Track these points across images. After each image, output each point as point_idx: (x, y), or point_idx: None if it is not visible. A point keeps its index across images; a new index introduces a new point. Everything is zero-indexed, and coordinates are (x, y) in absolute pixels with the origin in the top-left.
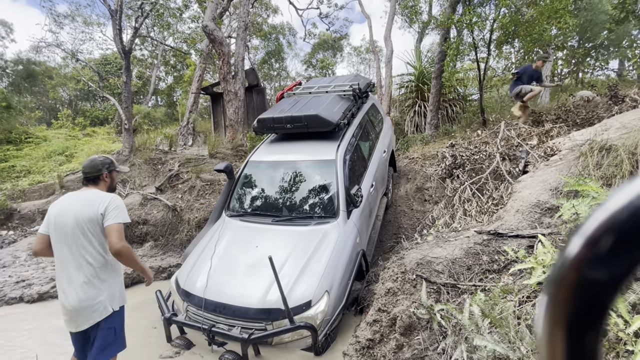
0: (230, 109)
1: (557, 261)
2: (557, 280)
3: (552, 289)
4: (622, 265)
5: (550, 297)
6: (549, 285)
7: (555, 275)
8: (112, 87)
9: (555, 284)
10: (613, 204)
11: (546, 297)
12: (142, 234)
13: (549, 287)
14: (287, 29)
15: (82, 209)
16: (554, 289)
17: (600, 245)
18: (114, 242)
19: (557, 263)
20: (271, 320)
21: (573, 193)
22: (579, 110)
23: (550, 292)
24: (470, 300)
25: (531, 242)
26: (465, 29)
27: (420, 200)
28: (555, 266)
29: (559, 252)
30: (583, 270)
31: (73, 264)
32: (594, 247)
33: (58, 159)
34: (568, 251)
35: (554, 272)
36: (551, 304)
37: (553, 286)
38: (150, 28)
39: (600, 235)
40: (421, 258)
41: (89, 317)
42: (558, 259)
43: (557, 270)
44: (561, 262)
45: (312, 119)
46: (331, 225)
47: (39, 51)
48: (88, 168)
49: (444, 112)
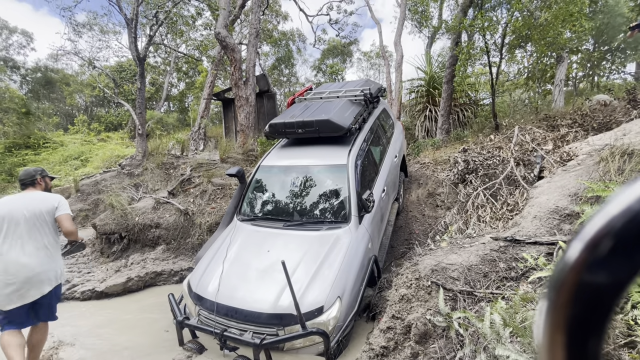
0: (242, 114)
1: (557, 265)
2: (557, 285)
3: (551, 293)
4: (623, 269)
5: (550, 301)
6: (549, 289)
7: (555, 279)
8: (126, 94)
9: (555, 288)
10: (612, 208)
11: (546, 301)
12: (155, 237)
13: (548, 291)
14: (297, 35)
15: (38, 204)
16: (553, 293)
17: (599, 250)
18: (68, 225)
19: (557, 267)
20: (283, 326)
21: (595, 199)
22: (595, 115)
23: (550, 296)
24: (491, 308)
25: (550, 250)
26: (477, 33)
27: (432, 205)
28: (555, 270)
29: (560, 256)
30: (582, 274)
31: (32, 246)
32: (593, 251)
33: (74, 163)
34: (567, 255)
35: (553, 276)
36: (551, 309)
37: (553, 290)
38: (164, 36)
39: (599, 239)
40: (436, 264)
41: (41, 288)
42: (558, 263)
43: (557, 274)
44: (561, 266)
45: (324, 124)
46: (343, 231)
47: (57, 59)
48: (24, 176)
49: (455, 116)
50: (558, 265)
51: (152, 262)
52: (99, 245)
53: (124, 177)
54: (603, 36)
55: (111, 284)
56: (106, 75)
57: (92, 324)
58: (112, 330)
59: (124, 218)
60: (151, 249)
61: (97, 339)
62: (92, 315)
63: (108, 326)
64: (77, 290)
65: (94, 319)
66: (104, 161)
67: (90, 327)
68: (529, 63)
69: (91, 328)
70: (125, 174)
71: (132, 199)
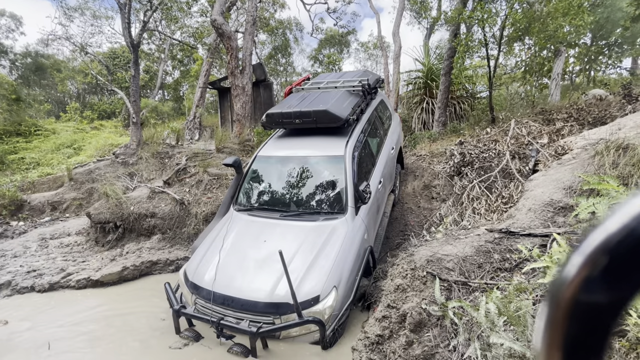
0: (238, 104)
1: (555, 280)
2: (554, 300)
3: (550, 309)
4: (621, 288)
5: (549, 317)
6: (547, 304)
7: (553, 295)
8: (119, 81)
9: (553, 304)
10: (610, 225)
11: (544, 316)
12: (150, 226)
13: (547, 306)
14: (294, 24)
15: None
16: (552, 309)
17: (595, 268)
18: None
19: (555, 282)
20: (279, 314)
21: (589, 192)
22: (591, 109)
23: (547, 311)
24: (487, 297)
25: (544, 241)
26: (475, 25)
27: (428, 197)
28: (553, 285)
29: (557, 270)
30: (578, 292)
31: None
32: (590, 268)
33: (66, 151)
34: (565, 271)
35: (551, 291)
36: (549, 325)
37: (550, 306)
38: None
39: (596, 257)
40: (431, 255)
41: None
42: (555, 278)
43: (555, 290)
44: (558, 282)
45: (321, 115)
46: (339, 221)
47: (47, 44)
48: None
49: (452, 109)
50: (556, 279)
51: (147, 252)
52: (93, 234)
53: (118, 166)
54: (601, 30)
55: (107, 273)
56: (99, 61)
57: (89, 312)
58: (109, 319)
59: (118, 207)
60: (147, 238)
61: (93, 327)
62: (87, 303)
63: (104, 314)
64: (72, 279)
65: (90, 307)
66: (97, 150)
67: (87, 315)
68: (527, 56)
69: (87, 316)
70: (119, 163)
71: (126, 188)
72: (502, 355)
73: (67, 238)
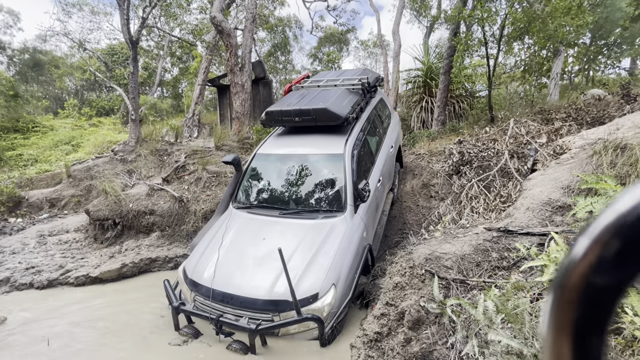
0: (237, 101)
1: (563, 262)
2: (563, 283)
3: (557, 291)
4: (629, 269)
5: (556, 299)
6: (555, 287)
7: (561, 277)
8: (118, 78)
9: (561, 287)
10: (621, 205)
11: (551, 299)
12: (149, 224)
13: (554, 289)
14: (294, 22)
15: None
16: (559, 291)
17: (608, 248)
18: None
19: (563, 264)
20: (278, 312)
21: (587, 191)
22: (589, 109)
23: (555, 294)
24: (485, 295)
25: (542, 240)
26: (475, 24)
27: (426, 196)
28: (561, 267)
29: (566, 253)
30: (589, 273)
31: None
32: (602, 249)
33: (64, 148)
34: (574, 252)
35: (560, 274)
36: (556, 307)
37: (559, 288)
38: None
39: (607, 237)
40: (430, 253)
41: None
42: (564, 260)
43: (563, 272)
44: (567, 264)
45: (321, 113)
46: (338, 219)
47: (45, 40)
48: None
49: (451, 108)
50: (564, 262)
51: (146, 249)
52: (92, 231)
53: (117, 163)
54: (601, 30)
55: (105, 270)
56: (97, 58)
57: (87, 309)
58: (108, 315)
59: (117, 204)
60: (145, 236)
61: (92, 323)
62: (87, 300)
63: (103, 311)
64: (71, 276)
65: (89, 303)
66: (95, 147)
67: (86, 312)
68: (527, 56)
69: (86, 313)
70: (118, 160)
71: (125, 185)
72: (500, 352)
73: (65, 235)
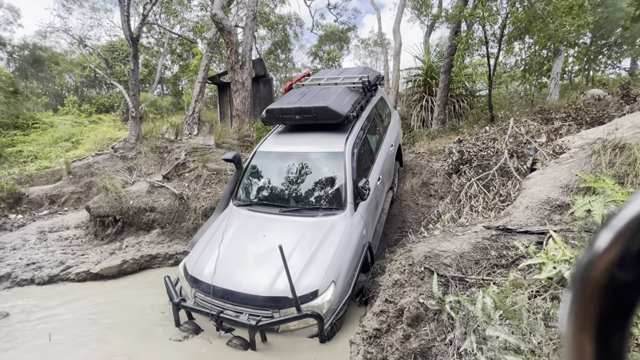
0: (237, 99)
1: (583, 256)
2: (585, 277)
3: (578, 286)
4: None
5: (577, 294)
6: (575, 282)
7: (583, 272)
8: (118, 75)
9: (583, 281)
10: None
11: (571, 294)
12: (150, 221)
13: (575, 283)
14: (294, 20)
15: None
16: (580, 286)
17: (633, 242)
18: None
19: (584, 258)
20: (278, 308)
21: (585, 190)
22: (589, 109)
23: (576, 289)
24: (484, 292)
25: (540, 239)
26: (476, 23)
27: (426, 195)
28: (582, 261)
29: (586, 247)
30: (612, 267)
31: None
32: (626, 242)
33: (64, 145)
34: (597, 246)
35: (579, 269)
36: (578, 302)
37: (580, 283)
38: (157, 15)
39: (633, 231)
40: (429, 251)
41: None
42: (584, 254)
43: (585, 267)
44: (589, 258)
45: (322, 111)
46: (338, 217)
47: (45, 36)
48: None
49: (451, 107)
50: (585, 256)
51: (147, 245)
52: (92, 227)
53: (117, 160)
54: (601, 30)
55: (106, 266)
56: (97, 55)
57: (88, 305)
58: (109, 311)
59: (118, 201)
60: (146, 233)
61: (93, 319)
62: (88, 296)
63: (104, 306)
64: (71, 272)
65: (90, 299)
66: (95, 143)
67: (87, 308)
68: (527, 55)
69: (87, 308)
70: (118, 157)
71: (125, 182)
72: (498, 348)
73: (66, 231)
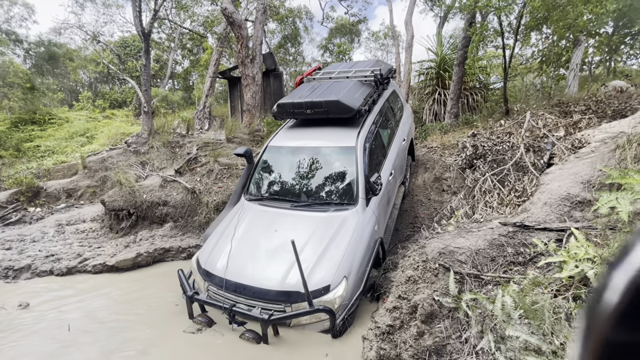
0: (248, 94)
1: (586, 313)
2: (586, 334)
3: (582, 341)
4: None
5: (582, 346)
6: (580, 336)
7: (585, 328)
8: (130, 70)
9: (585, 337)
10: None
11: (578, 345)
12: (163, 215)
13: (580, 335)
14: (304, 13)
15: None
16: (584, 342)
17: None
18: None
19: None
20: (290, 303)
21: (609, 186)
22: (611, 101)
23: (580, 343)
24: (503, 290)
25: (559, 236)
26: (491, 14)
27: (438, 190)
28: (585, 318)
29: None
30: (612, 330)
31: None
32: (625, 307)
33: (79, 140)
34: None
35: (584, 324)
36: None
37: (585, 337)
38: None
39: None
40: (443, 247)
41: None
42: (587, 311)
43: (587, 324)
44: (589, 317)
45: (333, 105)
46: (350, 212)
47: (60, 33)
48: None
49: (465, 100)
50: (587, 313)
51: (160, 239)
52: (107, 221)
53: (130, 154)
54: (624, 18)
55: (121, 259)
56: (110, 50)
57: (105, 296)
58: (124, 302)
59: (131, 195)
60: (159, 226)
61: (109, 310)
62: (104, 287)
63: (120, 298)
64: (88, 264)
65: (106, 291)
66: (109, 138)
67: (103, 299)
68: (544, 46)
69: (104, 300)
70: (131, 152)
71: (139, 176)
72: (518, 348)
73: (82, 224)
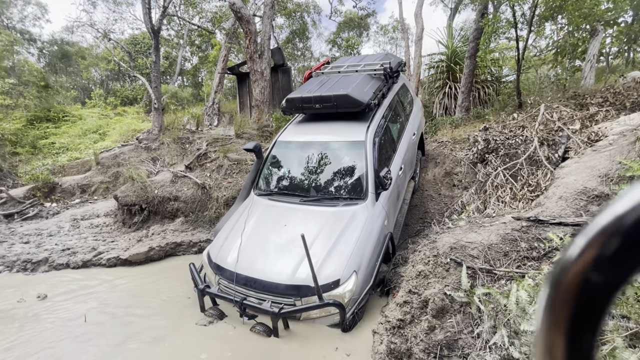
0: (257, 89)
1: (558, 261)
2: (559, 280)
3: (553, 288)
4: (624, 269)
5: (551, 295)
6: (551, 283)
7: (558, 274)
8: (140, 67)
9: (557, 283)
10: (620, 206)
11: (547, 295)
12: (174, 209)
13: (550, 285)
14: (312, 7)
15: None
16: (555, 288)
17: (605, 248)
18: None
19: (559, 264)
20: (300, 297)
21: (628, 180)
22: (629, 93)
23: (551, 291)
24: (518, 285)
25: (575, 231)
26: (504, 4)
27: (449, 185)
28: (556, 266)
29: (561, 252)
30: (585, 272)
31: None
32: (599, 249)
33: (92, 137)
34: (570, 252)
35: (554, 273)
36: (552, 303)
37: (555, 285)
38: (177, 7)
39: (605, 237)
40: (454, 242)
41: None
42: (559, 259)
43: (560, 269)
44: (563, 263)
45: (342, 99)
46: (359, 207)
47: (72, 31)
48: None
49: (476, 94)
50: (559, 261)
51: (171, 233)
52: (120, 216)
53: (141, 150)
54: None
55: (134, 253)
56: (121, 48)
57: (120, 289)
58: (138, 295)
59: (143, 190)
60: (170, 221)
61: (124, 302)
62: (118, 280)
63: (134, 291)
64: (103, 258)
65: (120, 283)
66: (121, 135)
67: (118, 292)
68: (559, 37)
69: (119, 292)
70: (142, 148)
71: (150, 172)
72: (533, 343)
73: (96, 219)
